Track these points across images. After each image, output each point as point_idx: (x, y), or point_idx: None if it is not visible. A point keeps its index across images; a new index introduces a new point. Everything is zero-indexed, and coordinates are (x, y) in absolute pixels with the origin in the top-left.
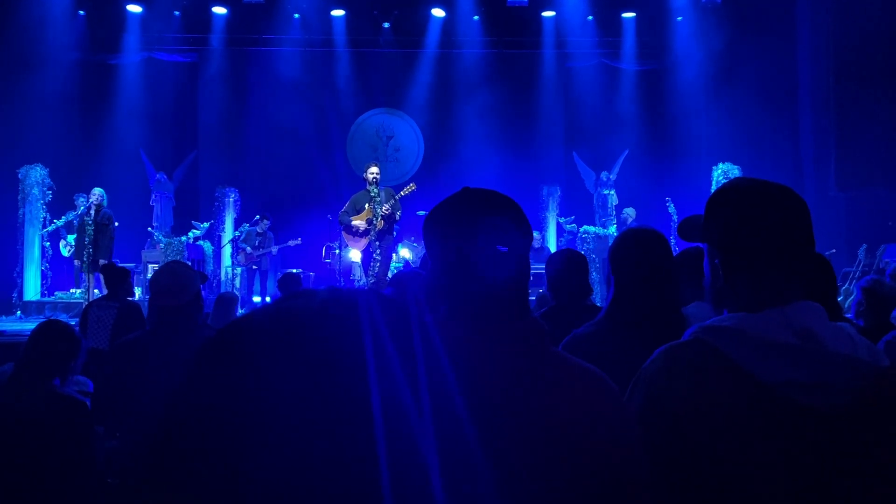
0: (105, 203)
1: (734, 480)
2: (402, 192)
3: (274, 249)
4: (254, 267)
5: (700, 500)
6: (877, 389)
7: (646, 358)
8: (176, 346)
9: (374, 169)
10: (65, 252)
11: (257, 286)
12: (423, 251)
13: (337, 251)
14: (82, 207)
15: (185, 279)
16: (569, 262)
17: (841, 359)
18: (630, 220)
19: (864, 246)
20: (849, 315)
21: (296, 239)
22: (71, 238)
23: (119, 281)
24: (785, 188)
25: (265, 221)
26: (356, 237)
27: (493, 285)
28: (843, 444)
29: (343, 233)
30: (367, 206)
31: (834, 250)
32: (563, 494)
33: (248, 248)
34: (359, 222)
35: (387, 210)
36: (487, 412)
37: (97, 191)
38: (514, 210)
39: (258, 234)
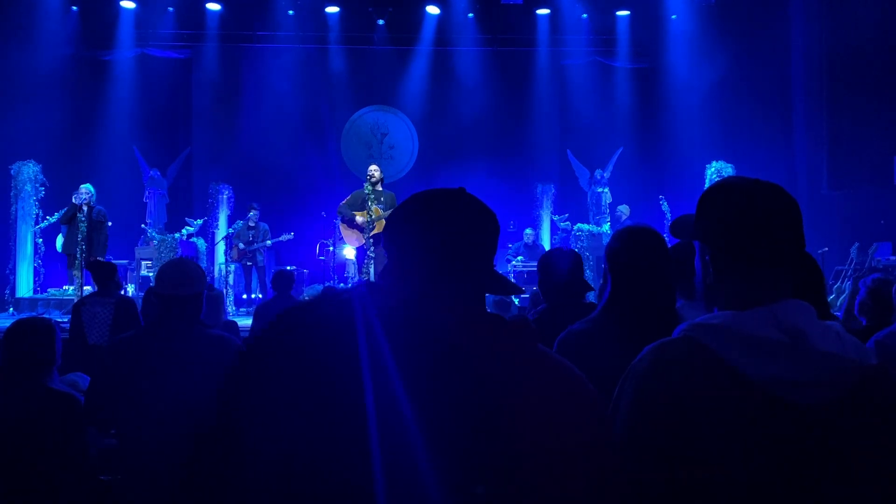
0: (94, 200)
1: (721, 476)
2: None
3: (268, 242)
4: (248, 263)
5: (687, 496)
6: (863, 388)
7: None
8: (175, 342)
9: (371, 167)
10: (61, 249)
11: (255, 283)
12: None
13: (331, 248)
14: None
15: (194, 273)
16: (565, 260)
17: (829, 357)
18: (624, 217)
19: (857, 244)
20: (838, 313)
21: (288, 234)
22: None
23: (109, 277)
24: (776, 187)
25: (254, 212)
26: (354, 230)
27: (484, 279)
28: (829, 441)
29: (340, 224)
30: (367, 204)
31: (826, 248)
32: (543, 491)
33: (241, 245)
34: (361, 219)
35: (379, 228)
36: (477, 408)
37: (86, 188)
38: (479, 204)
39: (249, 228)
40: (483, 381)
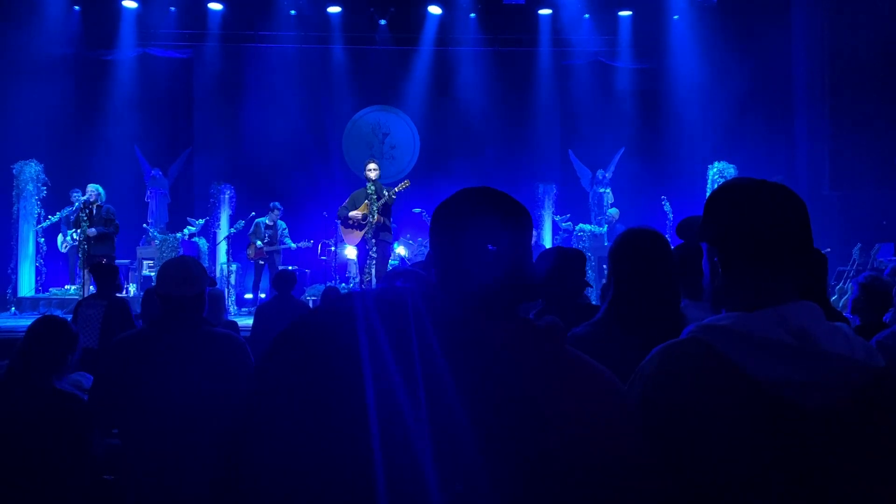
0: (103, 199)
1: (728, 478)
2: (396, 188)
3: (293, 245)
4: (261, 262)
5: (695, 497)
6: (871, 389)
7: (645, 357)
8: (178, 342)
9: (372, 165)
10: (62, 248)
11: (265, 282)
12: (426, 250)
13: (333, 248)
14: (77, 203)
15: (195, 272)
16: (561, 259)
17: (836, 358)
18: (614, 220)
19: (859, 245)
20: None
21: (308, 241)
22: (71, 233)
23: (109, 279)
24: (784, 188)
25: (276, 212)
26: (352, 229)
27: (483, 283)
28: (836, 443)
29: (340, 226)
30: (365, 202)
31: (829, 249)
32: (560, 490)
33: (259, 243)
34: (355, 213)
35: (384, 201)
36: (487, 408)
37: (93, 187)
38: (509, 208)
39: (267, 227)
40: (514, 382)
